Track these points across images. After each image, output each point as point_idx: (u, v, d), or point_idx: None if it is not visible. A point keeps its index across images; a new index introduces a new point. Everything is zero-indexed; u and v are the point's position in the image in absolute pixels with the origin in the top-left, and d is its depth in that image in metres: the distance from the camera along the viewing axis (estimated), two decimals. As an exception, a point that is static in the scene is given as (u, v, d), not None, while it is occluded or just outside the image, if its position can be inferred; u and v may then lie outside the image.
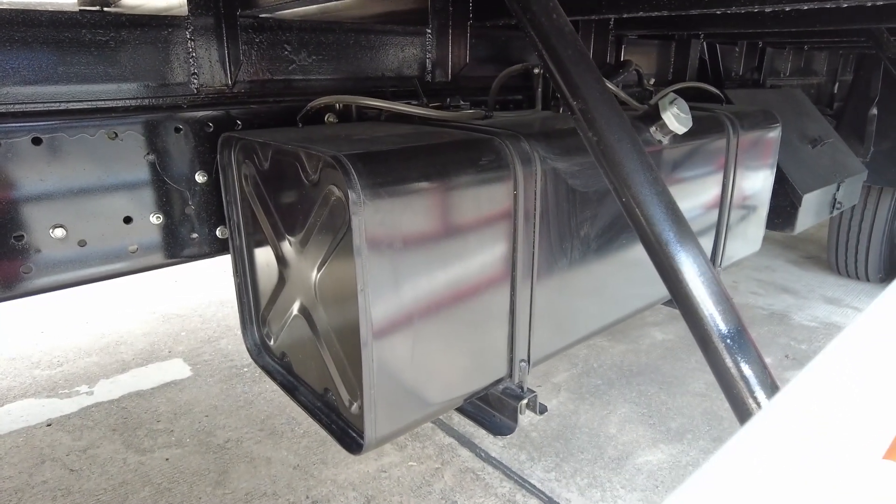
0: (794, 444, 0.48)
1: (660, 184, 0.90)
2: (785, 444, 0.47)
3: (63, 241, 1.45)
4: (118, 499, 2.44)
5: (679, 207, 0.92)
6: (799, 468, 0.45)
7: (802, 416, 0.50)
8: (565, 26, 0.97)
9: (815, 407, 0.51)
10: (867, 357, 0.59)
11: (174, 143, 1.58)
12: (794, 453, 0.47)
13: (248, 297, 1.70)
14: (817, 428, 0.50)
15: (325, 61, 1.85)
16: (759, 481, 0.43)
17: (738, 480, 0.43)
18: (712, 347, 0.84)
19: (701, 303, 0.86)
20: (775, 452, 0.46)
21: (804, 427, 0.49)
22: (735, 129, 2.06)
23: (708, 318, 0.85)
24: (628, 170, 0.90)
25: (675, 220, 0.89)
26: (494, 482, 2.54)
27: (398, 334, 1.20)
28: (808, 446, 0.48)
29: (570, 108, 0.96)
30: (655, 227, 0.88)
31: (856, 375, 0.56)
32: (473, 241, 1.30)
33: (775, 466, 0.45)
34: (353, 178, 1.06)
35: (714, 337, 0.84)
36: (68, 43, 1.41)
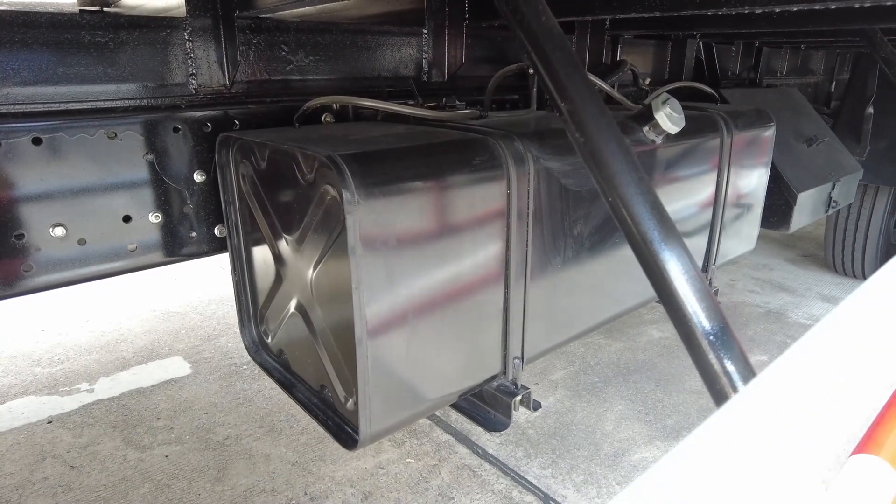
0: (764, 433, 0.49)
1: (645, 184, 0.92)
2: (754, 432, 0.49)
3: (63, 240, 1.47)
4: (118, 495, 2.46)
5: (664, 207, 0.94)
6: (765, 458, 0.47)
7: (774, 404, 0.52)
8: (554, 28, 0.99)
9: (786, 396, 0.53)
10: (844, 348, 0.61)
11: (173, 142, 1.60)
12: (763, 443, 0.48)
13: (245, 295, 1.72)
14: (787, 418, 0.52)
15: (322, 62, 1.87)
16: (725, 468, 0.45)
17: (705, 465, 0.45)
18: (696, 344, 0.87)
19: (685, 300, 0.88)
20: (744, 440, 0.48)
21: (774, 416, 0.51)
22: (729, 128, 2.08)
23: (691, 315, 0.87)
24: (614, 170, 0.92)
25: (660, 220, 0.91)
26: (491, 479, 2.56)
27: (392, 332, 1.22)
28: (777, 436, 0.50)
29: (559, 108, 0.98)
30: (641, 226, 0.90)
31: (830, 366, 0.58)
32: (467, 240, 1.32)
33: (742, 454, 0.47)
34: (348, 177, 1.08)
35: (697, 334, 0.86)
36: (68, 44, 1.43)
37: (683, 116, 1.71)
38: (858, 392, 0.58)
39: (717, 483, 0.44)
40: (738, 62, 3.64)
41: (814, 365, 0.58)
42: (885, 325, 0.69)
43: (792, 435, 0.51)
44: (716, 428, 0.49)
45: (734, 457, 0.47)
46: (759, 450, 0.49)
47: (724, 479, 0.45)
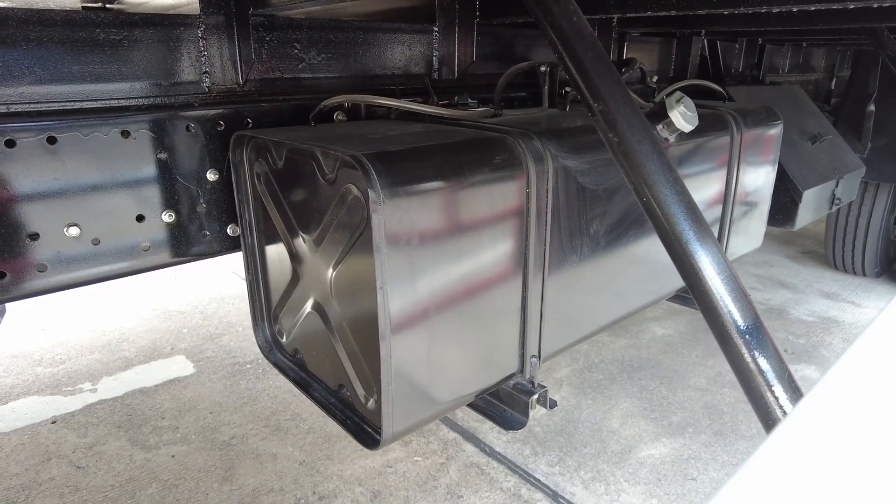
0: (826, 452, 0.48)
1: (680, 184, 0.92)
2: (815, 452, 0.48)
3: (77, 240, 1.46)
4: (126, 495, 2.45)
5: (698, 207, 0.94)
6: (832, 478, 0.46)
7: (830, 423, 0.51)
8: (585, 29, 0.99)
9: (843, 413, 0.52)
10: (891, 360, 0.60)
11: (186, 141, 1.59)
12: (826, 462, 0.47)
13: (259, 294, 1.71)
14: (848, 435, 0.50)
15: (333, 59, 1.86)
16: (791, 490, 0.44)
17: (769, 489, 0.44)
18: (731, 342, 0.87)
19: (720, 299, 0.88)
20: (805, 461, 0.47)
21: (833, 435, 0.50)
22: (738, 126, 2.09)
23: (726, 314, 0.87)
24: (649, 170, 0.92)
25: (695, 219, 0.91)
26: (500, 476, 2.57)
27: (415, 330, 1.22)
28: (841, 454, 0.48)
29: (591, 108, 0.98)
30: (676, 226, 0.90)
31: (882, 379, 0.57)
32: (487, 239, 1.32)
33: (805, 476, 0.46)
34: (373, 177, 1.07)
35: (732, 332, 0.86)
36: (82, 42, 1.42)
37: (696, 114, 1.71)
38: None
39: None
40: (741, 59, 3.65)
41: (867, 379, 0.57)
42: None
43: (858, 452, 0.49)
44: (779, 446, 0.48)
45: (800, 476, 0.46)
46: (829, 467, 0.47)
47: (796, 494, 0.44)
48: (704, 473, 2.60)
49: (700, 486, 2.53)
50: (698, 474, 2.59)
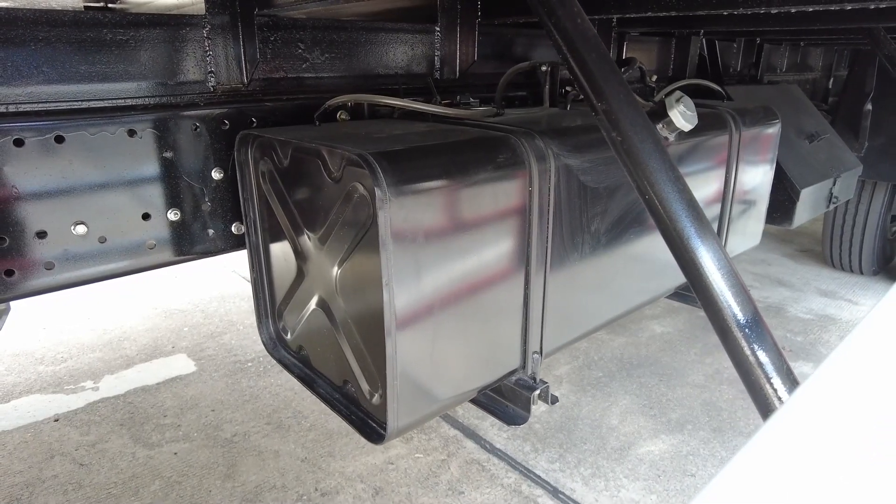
0: (821, 440, 0.50)
1: (681, 182, 0.94)
2: (811, 440, 0.50)
3: (84, 238, 1.48)
4: (129, 492, 2.47)
5: (700, 205, 0.96)
6: (827, 466, 0.48)
7: (826, 411, 0.53)
8: (589, 30, 1.01)
9: (837, 402, 0.54)
10: (886, 352, 0.62)
11: (191, 140, 1.60)
12: (821, 450, 0.49)
13: (264, 291, 1.73)
14: (843, 424, 0.52)
15: (336, 59, 1.88)
16: (786, 478, 0.46)
17: (765, 477, 0.46)
18: (731, 336, 0.89)
19: (720, 294, 0.90)
20: (802, 449, 0.49)
21: (829, 423, 0.52)
22: (737, 125, 2.11)
23: (727, 309, 0.89)
24: (651, 168, 0.94)
25: (696, 217, 0.93)
26: (500, 473, 2.59)
27: (420, 326, 1.23)
28: (836, 443, 0.50)
29: (594, 108, 1.00)
30: (678, 223, 0.92)
31: (876, 371, 0.59)
32: (490, 236, 1.34)
33: (802, 464, 0.48)
34: (380, 175, 1.09)
35: (733, 326, 0.88)
36: (90, 42, 1.44)
37: (696, 114, 1.73)
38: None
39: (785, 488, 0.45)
40: (739, 59, 3.67)
41: (861, 370, 0.59)
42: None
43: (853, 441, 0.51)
44: (775, 434, 0.50)
45: (796, 463, 0.48)
46: (823, 455, 0.49)
47: (791, 483, 0.46)
48: (703, 469, 2.62)
49: (699, 481, 2.55)
50: (697, 470, 2.62)
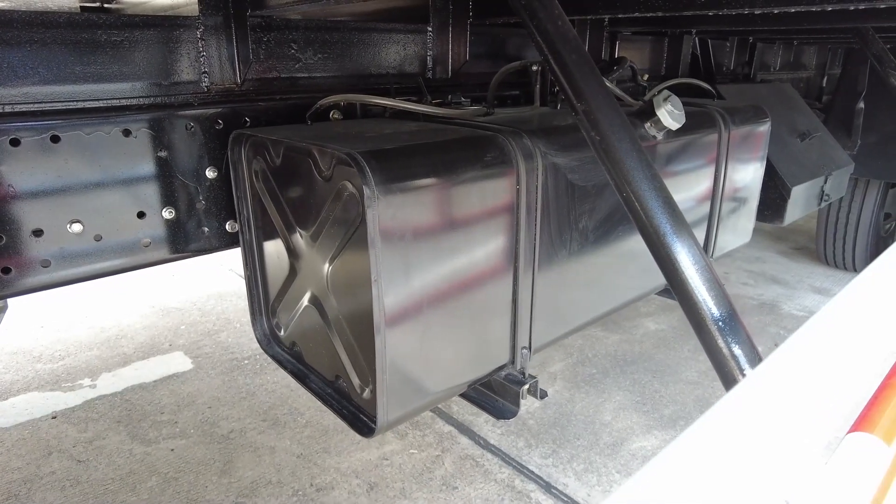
0: (771, 413, 0.54)
1: (657, 179, 0.97)
2: (762, 413, 0.53)
3: (80, 236, 1.50)
4: (127, 488, 2.49)
5: (675, 202, 0.99)
6: (768, 438, 0.52)
7: (779, 387, 0.57)
8: (569, 32, 1.03)
9: (791, 379, 0.58)
10: (842, 334, 0.65)
11: (185, 139, 1.63)
12: (770, 423, 0.53)
13: (257, 289, 1.76)
14: (792, 399, 0.56)
15: (329, 59, 1.90)
16: (735, 448, 0.50)
17: (716, 446, 0.49)
18: (705, 329, 0.91)
19: (695, 289, 0.93)
20: (749, 421, 0.52)
21: (780, 398, 0.56)
22: (726, 124, 2.13)
23: (701, 303, 0.92)
24: (628, 166, 0.96)
25: (672, 213, 0.96)
26: (494, 468, 2.61)
27: (409, 322, 1.26)
28: (782, 415, 0.54)
29: (574, 108, 1.02)
30: (654, 219, 0.95)
31: (829, 352, 0.62)
32: (478, 234, 1.36)
33: (751, 434, 0.52)
34: (368, 174, 1.12)
35: (707, 320, 0.91)
36: (85, 43, 1.46)
37: (683, 113, 1.76)
38: (851, 376, 0.63)
39: (723, 463, 0.48)
40: (732, 58, 3.69)
41: (810, 354, 0.63)
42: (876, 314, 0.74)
43: (792, 416, 0.55)
44: (723, 411, 0.54)
45: (739, 438, 0.51)
46: (763, 430, 0.53)
47: (729, 459, 0.49)
48: (694, 464, 2.65)
49: (690, 476, 2.57)
50: (688, 465, 2.64)
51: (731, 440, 0.50)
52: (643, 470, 0.47)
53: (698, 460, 0.48)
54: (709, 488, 0.46)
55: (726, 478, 0.47)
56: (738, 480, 0.47)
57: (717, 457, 0.48)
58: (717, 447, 0.49)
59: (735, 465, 0.48)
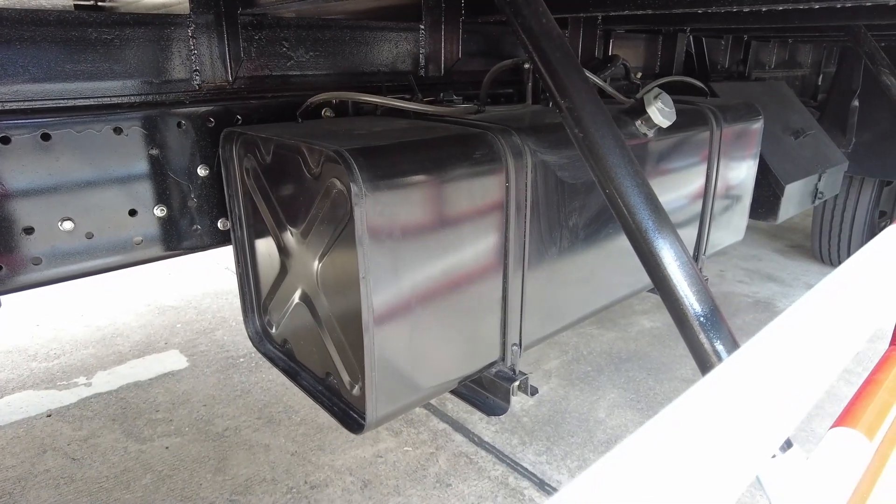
0: (738, 402, 0.55)
1: (640, 176, 0.97)
2: (730, 402, 0.54)
3: (71, 234, 1.51)
4: (121, 486, 2.50)
5: (658, 198, 1.00)
6: (738, 425, 0.52)
7: (751, 376, 0.57)
8: (553, 30, 1.04)
9: (762, 369, 0.59)
10: (818, 324, 0.66)
11: (177, 137, 1.63)
12: (737, 410, 0.54)
13: (249, 286, 1.76)
14: (761, 388, 0.57)
15: (321, 57, 1.90)
16: (698, 435, 0.50)
17: (681, 433, 0.50)
18: (687, 325, 0.92)
19: (677, 285, 0.93)
20: (720, 409, 0.53)
21: (751, 386, 0.57)
22: (718, 121, 2.14)
23: (683, 299, 0.93)
24: (611, 163, 0.97)
25: (654, 210, 0.96)
26: (487, 465, 2.62)
27: (397, 320, 1.27)
28: (750, 404, 0.55)
29: (559, 105, 1.03)
30: (636, 216, 0.96)
31: (804, 342, 0.63)
32: (468, 231, 1.37)
33: (718, 421, 0.52)
34: (356, 171, 1.12)
35: (689, 316, 0.92)
36: (75, 41, 1.46)
37: (674, 110, 1.76)
38: (822, 366, 0.64)
39: (686, 449, 0.49)
40: (727, 56, 3.70)
41: (783, 344, 0.64)
42: (852, 305, 0.75)
43: (759, 405, 0.56)
44: (691, 399, 0.55)
45: (705, 424, 0.52)
46: (729, 418, 0.54)
47: (692, 445, 0.50)
48: (688, 461, 2.66)
49: (683, 473, 2.58)
50: (682, 462, 2.65)
51: (696, 427, 0.51)
52: (609, 455, 0.48)
53: (662, 446, 0.49)
54: (668, 475, 0.46)
55: (685, 466, 0.47)
56: (698, 469, 0.47)
57: (681, 443, 0.49)
58: (682, 434, 0.50)
59: (699, 452, 0.49)
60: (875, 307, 0.76)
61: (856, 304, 0.74)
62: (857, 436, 0.92)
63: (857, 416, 0.96)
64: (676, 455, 0.48)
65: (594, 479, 0.44)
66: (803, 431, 2.88)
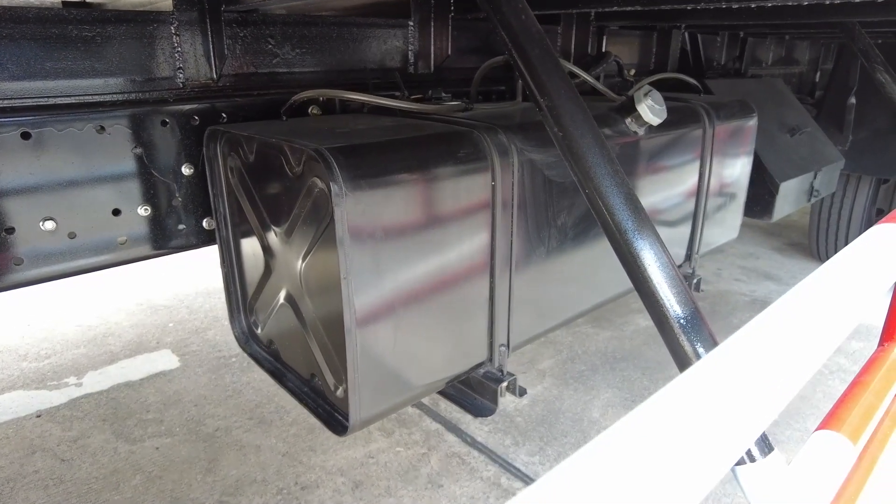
0: (713, 400, 0.53)
1: (620, 176, 0.95)
2: (713, 397, 0.53)
3: (53, 234, 1.49)
4: (110, 487, 2.48)
5: (638, 198, 0.98)
6: (711, 422, 0.51)
7: (730, 373, 0.56)
8: (533, 26, 1.02)
9: (740, 367, 0.57)
10: (798, 323, 0.64)
11: (161, 136, 1.61)
12: (711, 407, 0.52)
13: (235, 286, 1.74)
14: (735, 388, 0.56)
15: (308, 54, 1.88)
16: (669, 433, 0.49)
17: (661, 427, 0.49)
18: (667, 327, 0.90)
19: (657, 286, 0.91)
20: (692, 407, 0.52)
21: (726, 385, 0.55)
22: (711, 119, 2.12)
23: (663, 301, 0.91)
24: (590, 163, 0.95)
25: (634, 210, 0.94)
26: (480, 466, 2.60)
27: (381, 321, 1.25)
28: (723, 403, 0.54)
29: (538, 104, 1.01)
30: (615, 216, 0.94)
31: (784, 341, 0.62)
32: (453, 231, 1.35)
33: (690, 420, 0.51)
34: (335, 170, 1.10)
35: (669, 317, 0.90)
36: (55, 39, 1.44)
37: (665, 108, 1.74)
38: (793, 370, 0.63)
39: (655, 448, 0.48)
40: (723, 52, 3.68)
41: (761, 342, 0.62)
42: (832, 304, 0.73)
43: (732, 405, 0.55)
44: (663, 398, 0.54)
45: (678, 421, 0.51)
46: (701, 416, 0.52)
47: (662, 444, 0.49)
48: (681, 461, 2.64)
49: (676, 473, 2.57)
50: (675, 462, 2.64)
51: (668, 424, 0.49)
52: (580, 452, 0.46)
53: (634, 443, 0.47)
54: (638, 472, 0.45)
55: (654, 463, 0.46)
56: (667, 466, 0.46)
57: (652, 440, 0.47)
58: (653, 431, 0.48)
59: (669, 448, 0.48)
60: (856, 306, 0.74)
61: (836, 302, 0.72)
62: (841, 439, 0.90)
63: (841, 418, 0.94)
64: (647, 451, 0.47)
65: (561, 477, 0.43)
66: (798, 431, 2.87)
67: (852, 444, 0.87)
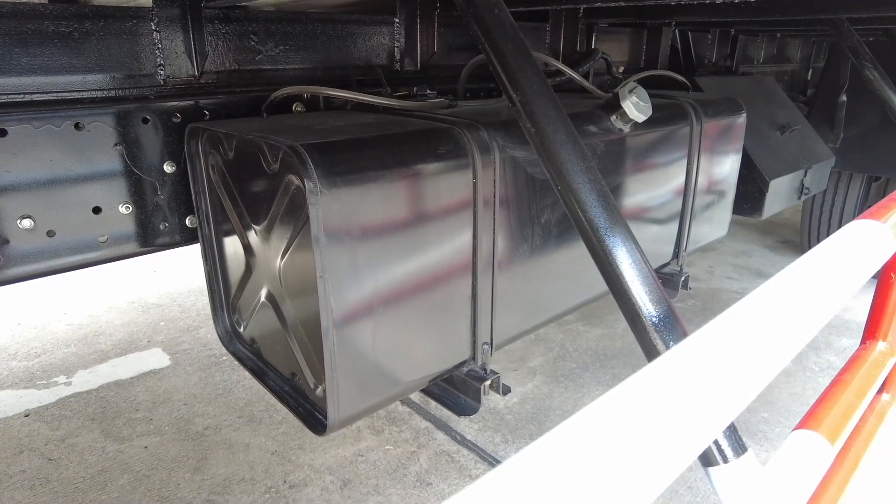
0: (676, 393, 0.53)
1: (593, 173, 0.94)
2: (676, 389, 0.52)
3: (31, 232, 1.47)
4: (97, 486, 2.47)
5: (611, 196, 0.97)
6: (674, 416, 0.50)
7: (695, 366, 0.55)
8: (506, 21, 1.01)
9: (705, 361, 0.56)
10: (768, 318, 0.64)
11: (142, 133, 1.60)
12: (675, 401, 0.52)
13: (218, 284, 1.73)
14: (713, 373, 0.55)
15: (292, 51, 1.87)
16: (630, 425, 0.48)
17: (621, 418, 0.48)
18: (640, 325, 0.89)
19: (629, 285, 0.91)
20: (657, 399, 0.51)
21: (690, 378, 0.54)
22: (698, 116, 2.11)
23: (636, 299, 0.90)
24: (563, 160, 0.94)
25: (606, 208, 0.93)
26: (469, 464, 2.60)
27: (359, 320, 1.24)
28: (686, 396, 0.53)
29: (511, 99, 1.00)
30: (588, 213, 0.93)
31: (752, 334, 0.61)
32: (433, 229, 1.34)
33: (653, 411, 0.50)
34: (310, 167, 1.09)
35: (642, 316, 0.89)
36: (31, 34, 1.42)
37: (650, 105, 1.73)
38: (761, 363, 0.62)
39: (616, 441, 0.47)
40: (714, 50, 3.67)
41: (727, 336, 0.62)
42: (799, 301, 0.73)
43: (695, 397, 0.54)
44: (626, 390, 0.53)
45: (640, 414, 0.50)
46: (666, 408, 0.52)
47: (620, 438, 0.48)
48: (670, 459, 2.64)
49: (665, 471, 2.57)
50: (664, 460, 2.63)
51: (629, 415, 0.49)
52: (538, 441, 0.46)
53: (594, 433, 0.47)
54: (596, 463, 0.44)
55: (614, 454, 0.46)
56: (625, 458, 0.46)
57: (612, 430, 0.47)
58: (614, 421, 0.48)
59: (628, 440, 0.47)
60: (829, 300, 0.74)
61: (809, 296, 0.71)
62: (819, 439, 0.89)
63: (819, 418, 0.94)
64: (608, 440, 0.47)
65: (516, 467, 0.42)
66: (788, 429, 2.87)
67: (830, 444, 0.87)
